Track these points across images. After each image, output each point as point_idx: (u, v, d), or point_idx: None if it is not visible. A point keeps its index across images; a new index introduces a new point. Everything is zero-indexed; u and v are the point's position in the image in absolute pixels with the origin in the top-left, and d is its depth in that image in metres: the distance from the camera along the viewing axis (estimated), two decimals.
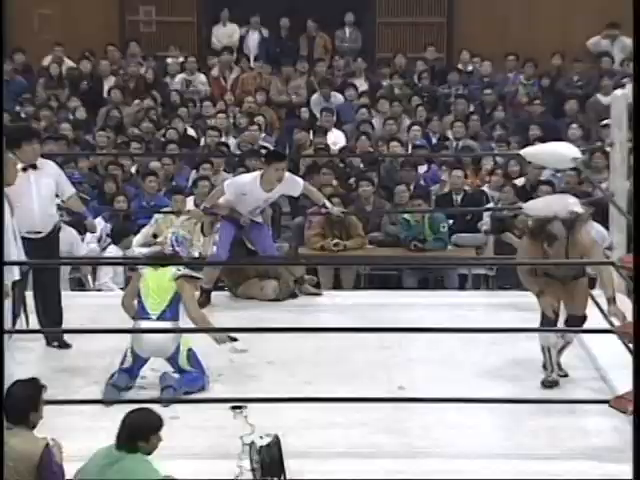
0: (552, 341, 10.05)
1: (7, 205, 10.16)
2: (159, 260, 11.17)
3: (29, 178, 11.17)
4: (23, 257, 10.33)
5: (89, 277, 14.34)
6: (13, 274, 10.01)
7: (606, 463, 8.82)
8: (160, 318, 10.11)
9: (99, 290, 13.96)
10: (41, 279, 11.35)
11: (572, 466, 8.81)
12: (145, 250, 12.71)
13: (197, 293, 11.10)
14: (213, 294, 12.70)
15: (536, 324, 11.20)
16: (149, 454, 7.59)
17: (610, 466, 8.80)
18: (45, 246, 11.25)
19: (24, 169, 11.11)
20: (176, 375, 10.06)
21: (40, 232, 11.24)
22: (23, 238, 10.75)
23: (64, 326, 11.22)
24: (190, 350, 10.07)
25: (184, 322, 10.28)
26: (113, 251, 14.03)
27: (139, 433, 7.56)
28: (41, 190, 11.28)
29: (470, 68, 21.15)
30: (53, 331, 11.08)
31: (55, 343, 11.19)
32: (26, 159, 11.15)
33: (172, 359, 10.05)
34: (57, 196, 11.71)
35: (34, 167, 11.22)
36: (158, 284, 10.30)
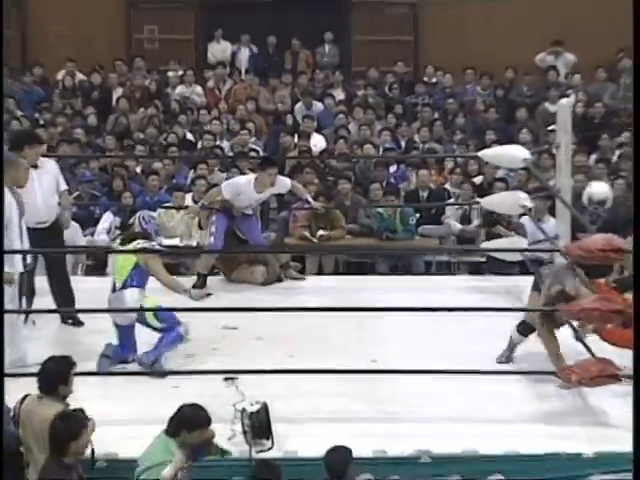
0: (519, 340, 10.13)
1: (16, 204, 10.15)
2: (166, 251, 11.28)
3: (32, 176, 11.14)
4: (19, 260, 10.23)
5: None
6: (17, 267, 10.05)
7: (554, 425, 8.87)
8: (123, 287, 10.17)
9: None
10: (51, 265, 11.46)
11: (526, 427, 8.87)
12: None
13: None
14: (209, 279, 12.68)
15: (492, 303, 11.32)
16: (184, 445, 7.64)
17: (558, 428, 8.87)
18: (50, 234, 11.35)
19: (26, 168, 10.99)
20: (115, 343, 10.19)
21: (45, 222, 11.31)
22: (31, 229, 10.83)
23: (77, 306, 11.22)
24: (158, 313, 10.00)
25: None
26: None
27: (185, 424, 7.62)
28: (43, 185, 11.36)
29: (434, 80, 21.15)
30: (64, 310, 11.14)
31: (69, 321, 11.27)
32: (29, 160, 11.13)
33: (142, 321, 10.06)
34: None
35: (35, 166, 11.25)
36: (122, 259, 10.41)
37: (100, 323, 10.54)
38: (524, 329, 10.01)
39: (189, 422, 7.62)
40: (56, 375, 8.03)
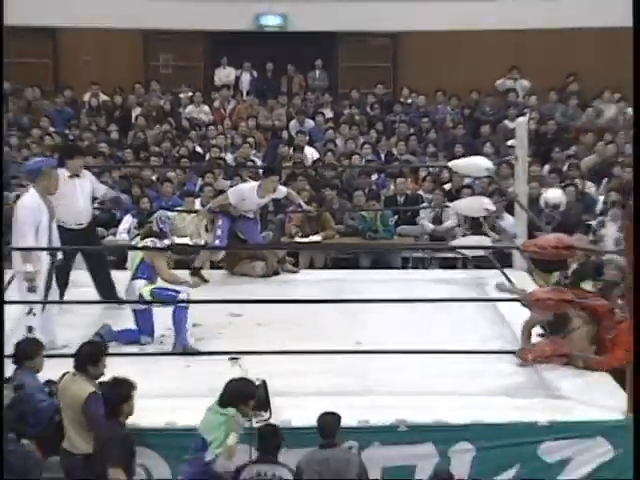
0: None
1: (47, 209, 10.10)
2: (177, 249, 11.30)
3: (75, 183, 11.19)
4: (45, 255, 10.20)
5: None
6: (42, 264, 9.99)
7: (514, 398, 8.88)
8: (133, 278, 10.23)
9: None
10: (90, 260, 11.42)
11: (489, 400, 8.86)
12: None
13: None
14: (215, 272, 12.83)
15: (459, 294, 11.30)
16: (240, 414, 7.77)
17: (517, 400, 8.87)
18: (86, 234, 11.31)
19: (71, 176, 11.14)
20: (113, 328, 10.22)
21: (82, 223, 11.25)
22: (70, 229, 10.91)
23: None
24: (153, 290, 10.12)
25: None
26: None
27: (241, 397, 7.75)
28: (84, 192, 11.32)
29: (410, 101, 21.13)
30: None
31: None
32: (73, 170, 11.20)
33: (143, 303, 10.17)
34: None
35: (77, 175, 11.24)
36: (135, 255, 10.61)
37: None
38: None
39: (245, 395, 7.74)
40: (87, 357, 7.99)
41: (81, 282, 11.41)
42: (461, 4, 20.87)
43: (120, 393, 7.74)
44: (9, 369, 8.30)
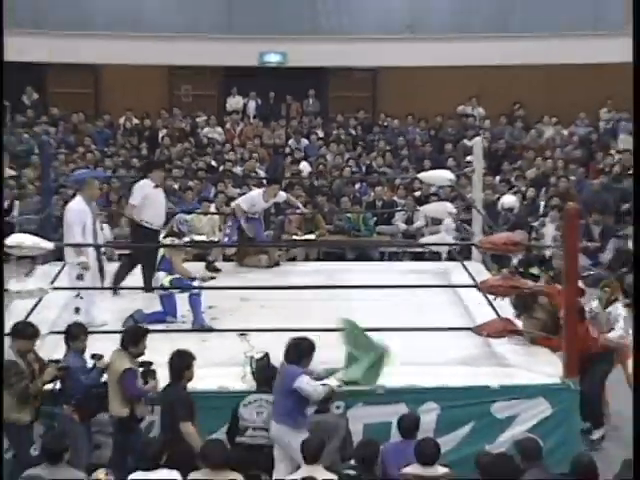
0: None
1: (91, 214, 10.10)
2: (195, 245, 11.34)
3: (159, 192, 11.46)
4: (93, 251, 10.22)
5: None
6: (90, 257, 10.03)
7: (471, 367, 8.95)
8: (157, 270, 10.20)
9: None
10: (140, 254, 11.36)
11: (451, 368, 8.89)
12: None
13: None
14: (227, 264, 12.84)
15: (426, 282, 11.32)
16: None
17: (473, 368, 8.93)
18: (158, 234, 11.33)
19: (156, 186, 11.37)
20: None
21: (161, 225, 11.38)
22: (154, 229, 11.21)
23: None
24: (172, 280, 10.10)
25: None
26: None
27: (297, 353, 7.74)
28: (163, 199, 11.64)
29: (386, 124, 21.12)
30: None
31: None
32: (156, 180, 11.39)
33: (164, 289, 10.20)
34: None
35: (158, 186, 11.45)
36: (160, 251, 10.48)
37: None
38: None
39: (310, 351, 7.78)
40: (129, 338, 8.00)
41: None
42: (429, 45, 20.84)
43: (183, 362, 7.80)
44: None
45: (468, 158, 15.14)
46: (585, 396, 8.92)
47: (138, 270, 11.23)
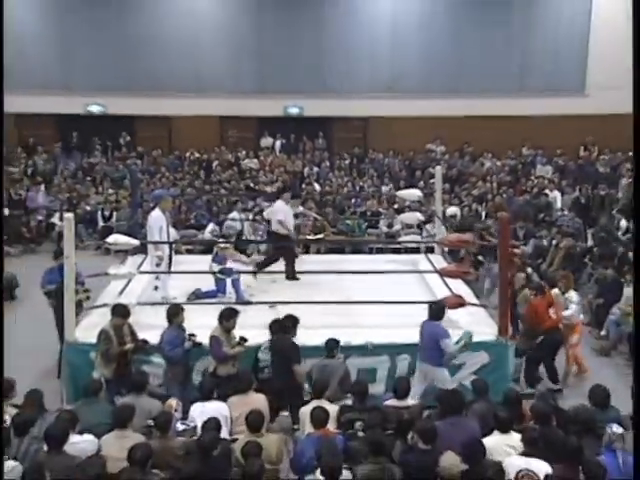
0: None
1: (165, 220, 10.05)
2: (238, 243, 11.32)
3: (288, 208, 11.22)
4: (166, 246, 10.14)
5: None
6: (165, 252, 10.00)
7: None
8: (212, 262, 10.12)
9: None
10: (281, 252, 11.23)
11: (417, 329, 8.80)
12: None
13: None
14: (260, 257, 12.58)
15: (402, 269, 11.24)
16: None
17: None
18: (289, 237, 11.25)
19: (286, 203, 11.22)
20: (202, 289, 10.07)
21: (291, 231, 11.31)
22: (281, 235, 10.99)
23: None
24: (221, 269, 9.99)
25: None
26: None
27: (436, 313, 8.06)
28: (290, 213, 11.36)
29: (374, 156, 21.06)
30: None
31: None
32: (286, 200, 11.24)
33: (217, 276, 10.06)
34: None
35: (287, 203, 11.25)
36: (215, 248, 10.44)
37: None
38: None
39: (443, 312, 8.21)
40: (223, 315, 7.95)
41: (181, 260, 11.37)
42: (404, 101, 20.68)
43: (293, 321, 7.91)
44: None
45: (432, 181, 15.04)
46: (530, 360, 9.02)
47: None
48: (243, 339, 7.94)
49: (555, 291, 9.69)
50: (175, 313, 8.04)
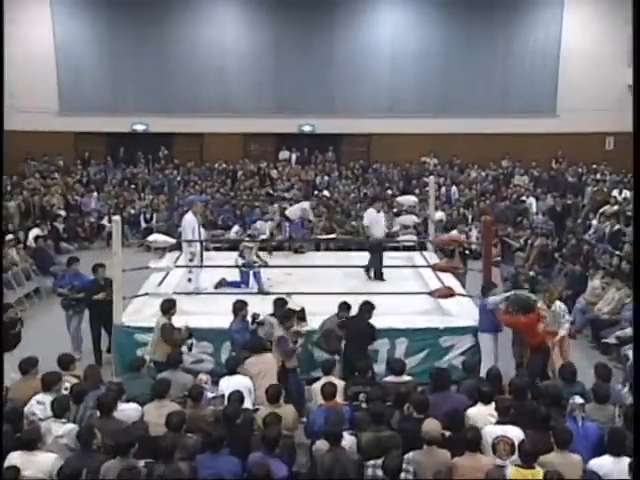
0: None
1: (197, 222, 10.05)
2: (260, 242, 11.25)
3: (380, 215, 10.94)
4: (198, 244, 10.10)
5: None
6: (197, 248, 9.99)
7: (428, 315, 8.78)
8: (239, 256, 10.14)
9: None
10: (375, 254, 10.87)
11: (417, 317, 8.77)
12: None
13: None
14: (280, 253, 12.53)
15: (400, 264, 11.19)
16: None
17: (429, 316, 8.77)
18: (381, 243, 10.96)
19: (378, 212, 10.82)
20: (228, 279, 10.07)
21: (382, 236, 11.03)
22: (379, 240, 10.68)
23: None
24: (244, 263, 10.01)
25: None
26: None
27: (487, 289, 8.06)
28: (382, 219, 11.10)
29: (376, 167, 21.01)
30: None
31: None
32: (377, 208, 10.89)
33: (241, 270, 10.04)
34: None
35: (379, 211, 10.94)
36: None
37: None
38: None
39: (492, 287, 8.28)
40: (283, 315, 7.70)
41: (210, 257, 11.35)
42: (402, 120, 20.61)
43: (369, 307, 7.80)
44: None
45: (426, 189, 14.99)
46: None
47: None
48: (297, 333, 7.68)
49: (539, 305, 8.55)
50: (240, 308, 7.89)
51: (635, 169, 7.42)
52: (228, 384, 6.66)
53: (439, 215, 14.23)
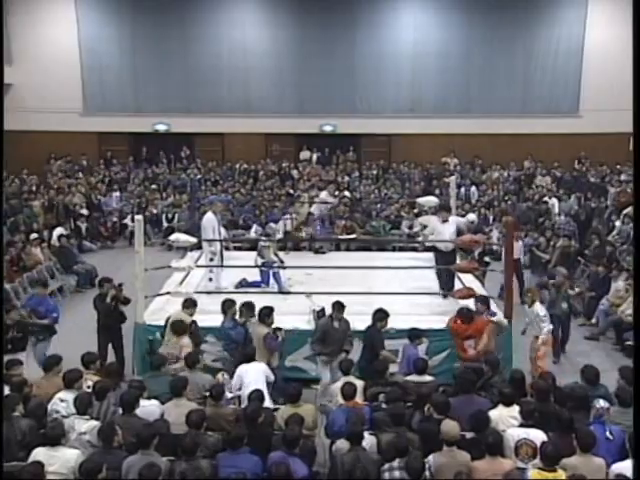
0: None
1: (216, 221, 10.10)
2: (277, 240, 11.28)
3: (444, 226, 9.85)
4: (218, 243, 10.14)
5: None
6: (217, 247, 10.07)
7: (445, 316, 8.70)
8: (257, 256, 10.14)
9: None
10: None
11: (432, 317, 8.73)
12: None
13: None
14: (299, 252, 12.59)
15: (421, 264, 11.13)
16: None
17: (448, 317, 8.70)
18: (449, 254, 9.91)
19: (443, 222, 9.83)
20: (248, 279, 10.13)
21: (448, 249, 9.90)
22: (441, 251, 9.87)
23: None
24: (263, 262, 10.01)
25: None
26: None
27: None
28: (445, 230, 9.92)
29: (397, 168, 20.84)
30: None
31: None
32: (442, 217, 9.90)
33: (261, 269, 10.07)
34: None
35: (446, 221, 9.85)
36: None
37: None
38: None
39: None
40: (263, 313, 7.68)
41: (232, 256, 11.37)
42: (423, 120, 20.52)
43: (382, 314, 7.64)
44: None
45: (447, 189, 14.90)
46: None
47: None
48: (279, 329, 7.72)
49: (499, 319, 8.32)
50: (229, 307, 7.93)
51: (635, 169, 7.20)
52: (246, 369, 6.81)
53: (471, 217, 14.12)
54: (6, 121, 18.94)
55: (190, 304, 7.98)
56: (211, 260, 10.08)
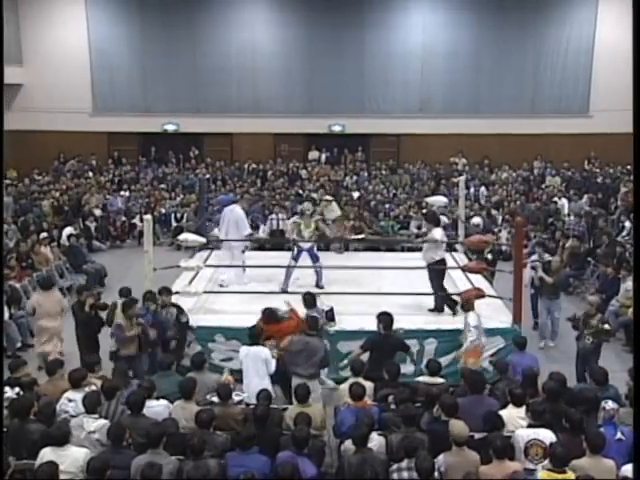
0: None
1: (234, 218, 10.13)
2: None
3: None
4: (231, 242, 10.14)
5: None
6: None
7: (457, 316, 8.68)
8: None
9: None
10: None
11: (442, 317, 8.71)
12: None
13: None
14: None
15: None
16: None
17: (457, 317, 8.66)
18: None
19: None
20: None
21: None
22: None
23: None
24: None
25: None
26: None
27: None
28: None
29: (405, 168, 20.81)
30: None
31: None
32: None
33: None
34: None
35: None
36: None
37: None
38: None
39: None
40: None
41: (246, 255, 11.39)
42: (432, 120, 20.52)
43: (389, 318, 7.37)
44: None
45: (455, 189, 14.88)
46: None
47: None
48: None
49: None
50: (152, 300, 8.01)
51: (635, 169, 7.23)
52: (247, 352, 6.90)
53: (476, 220, 14.09)
54: (16, 121, 19.19)
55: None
56: (243, 252, 10.30)
